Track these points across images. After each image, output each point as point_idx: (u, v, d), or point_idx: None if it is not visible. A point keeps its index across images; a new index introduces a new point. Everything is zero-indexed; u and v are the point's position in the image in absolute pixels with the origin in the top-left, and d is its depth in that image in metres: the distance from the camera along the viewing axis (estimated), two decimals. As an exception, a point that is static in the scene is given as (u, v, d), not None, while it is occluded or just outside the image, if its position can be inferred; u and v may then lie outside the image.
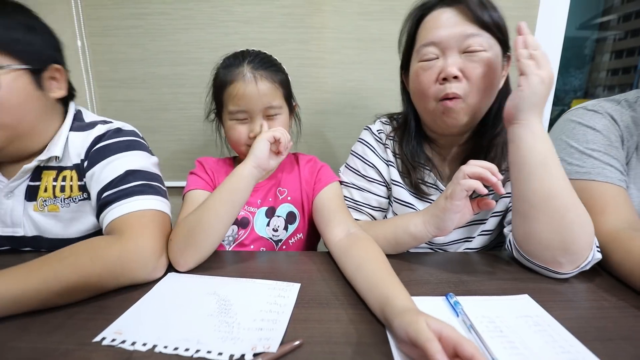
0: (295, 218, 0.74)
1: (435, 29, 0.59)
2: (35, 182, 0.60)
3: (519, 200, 0.54)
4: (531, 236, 0.54)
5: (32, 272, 0.44)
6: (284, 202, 0.74)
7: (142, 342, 0.38)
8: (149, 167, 0.62)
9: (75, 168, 0.61)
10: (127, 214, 0.54)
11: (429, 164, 0.70)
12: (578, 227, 0.51)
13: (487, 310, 0.44)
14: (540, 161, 0.51)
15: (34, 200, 0.60)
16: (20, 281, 0.42)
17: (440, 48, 0.58)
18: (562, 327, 0.41)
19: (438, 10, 0.60)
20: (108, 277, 0.48)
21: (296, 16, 1.09)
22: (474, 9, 0.56)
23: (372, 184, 0.72)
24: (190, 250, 0.55)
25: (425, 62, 0.60)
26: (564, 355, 0.36)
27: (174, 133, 1.17)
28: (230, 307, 0.45)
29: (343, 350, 0.37)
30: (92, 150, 0.60)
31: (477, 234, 0.68)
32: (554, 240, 0.51)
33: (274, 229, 0.73)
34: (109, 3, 1.09)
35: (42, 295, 0.43)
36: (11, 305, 0.42)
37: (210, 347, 0.37)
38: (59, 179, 0.60)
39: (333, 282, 0.53)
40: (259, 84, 0.64)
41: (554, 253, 0.52)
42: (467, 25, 0.57)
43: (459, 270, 0.57)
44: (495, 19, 0.57)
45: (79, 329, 0.41)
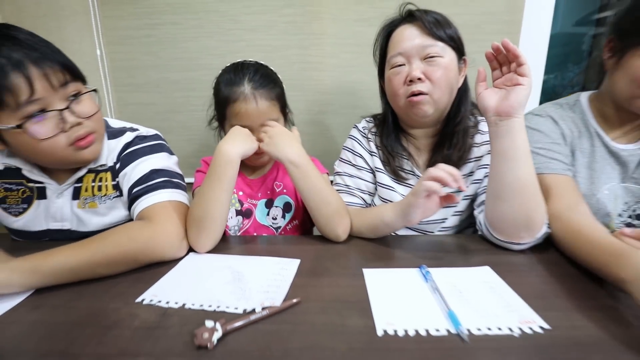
0: (291, 207, 0.84)
1: (401, 42, 0.72)
2: (79, 184, 0.70)
3: (499, 184, 0.63)
4: (503, 216, 0.63)
5: (84, 247, 0.54)
6: (281, 194, 0.84)
7: (174, 301, 0.49)
8: (170, 166, 0.73)
9: (110, 170, 0.71)
10: (154, 205, 0.65)
11: (406, 153, 0.81)
12: (539, 208, 0.62)
13: (452, 278, 0.54)
14: (525, 152, 0.61)
15: (77, 199, 0.70)
16: (75, 254, 0.53)
17: (405, 57, 0.72)
18: (511, 290, 0.51)
19: (402, 27, 0.74)
20: (141, 254, 0.58)
21: (297, 24, 1.18)
22: (429, 26, 0.70)
23: (360, 171, 0.83)
24: (203, 234, 0.64)
25: (395, 69, 0.73)
26: (506, 308, 0.46)
27: (185, 133, 1.27)
28: (243, 277, 0.55)
29: (332, 307, 0.47)
30: (122, 155, 0.71)
31: (451, 215, 0.78)
32: (520, 219, 0.61)
33: (273, 218, 0.83)
34: (125, 15, 1.19)
35: (91, 265, 0.54)
36: (69, 273, 0.52)
37: (228, 304, 0.48)
38: (97, 180, 0.70)
39: (326, 258, 0.63)
40: (258, 103, 0.73)
41: (518, 230, 0.62)
42: (425, 38, 0.70)
43: (433, 249, 0.68)
44: (448, 33, 0.71)
45: (122, 294, 0.51)
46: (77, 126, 0.62)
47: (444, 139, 0.78)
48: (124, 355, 0.38)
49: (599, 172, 0.74)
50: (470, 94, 0.82)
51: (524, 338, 0.41)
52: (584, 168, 0.75)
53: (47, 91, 0.57)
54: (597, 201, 0.73)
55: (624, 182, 0.74)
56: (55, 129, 0.59)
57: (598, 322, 0.44)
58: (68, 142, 0.61)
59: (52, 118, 0.59)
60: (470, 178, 0.78)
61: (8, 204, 0.70)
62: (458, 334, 0.41)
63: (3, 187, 0.69)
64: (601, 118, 0.76)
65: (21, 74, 0.54)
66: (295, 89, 0.85)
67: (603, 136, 0.75)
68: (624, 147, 0.73)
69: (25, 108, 0.56)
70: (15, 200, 0.69)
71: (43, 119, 0.58)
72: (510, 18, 1.21)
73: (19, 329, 0.43)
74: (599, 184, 0.73)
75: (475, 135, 0.79)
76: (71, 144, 0.62)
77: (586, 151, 0.75)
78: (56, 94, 0.58)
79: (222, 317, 0.43)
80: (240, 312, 0.46)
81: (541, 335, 0.41)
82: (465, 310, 0.46)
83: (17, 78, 0.53)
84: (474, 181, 0.77)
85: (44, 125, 0.58)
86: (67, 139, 0.61)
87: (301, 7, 1.16)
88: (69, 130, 0.61)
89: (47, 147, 0.59)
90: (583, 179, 0.75)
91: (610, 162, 0.74)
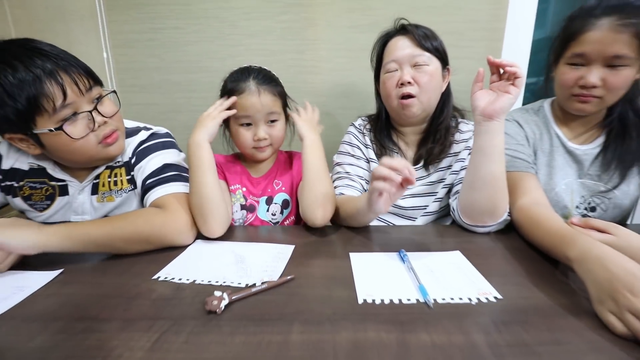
0: (288, 204, 0.91)
1: (394, 51, 0.84)
2: (96, 180, 0.78)
3: (475, 176, 0.72)
4: (474, 203, 0.73)
5: (107, 223, 0.64)
6: (279, 192, 0.91)
7: (185, 278, 0.57)
8: (180, 161, 0.81)
9: (124, 165, 0.79)
10: (166, 195, 0.73)
11: (396, 148, 0.92)
12: (504, 199, 0.72)
13: (426, 260, 0.62)
14: (500, 150, 0.70)
15: (96, 194, 0.78)
16: (99, 227, 0.63)
17: (398, 63, 0.83)
18: (475, 269, 0.59)
19: (396, 38, 0.85)
20: (153, 236, 0.66)
21: (294, 30, 1.25)
22: (418, 39, 0.82)
23: (358, 160, 0.93)
24: (208, 219, 0.71)
25: (389, 74, 0.85)
26: (468, 283, 0.54)
27: (187, 132, 1.29)
28: (244, 259, 0.63)
29: (321, 282, 0.56)
30: (137, 151, 0.79)
31: (432, 202, 0.89)
32: (487, 207, 0.72)
33: (272, 214, 0.91)
34: (130, 19, 1.26)
35: (111, 238, 0.62)
36: (93, 244, 0.61)
37: (232, 280, 0.56)
38: (112, 176, 0.78)
39: (318, 245, 0.71)
40: (262, 95, 0.80)
41: (484, 216, 0.73)
42: (415, 48, 0.82)
43: (413, 237, 0.76)
44: (434, 45, 0.83)
45: (139, 273, 0.59)
46: (104, 125, 0.70)
47: (429, 136, 0.89)
48: (147, 319, 0.46)
49: (557, 169, 0.83)
50: (453, 98, 0.91)
51: (479, 305, 0.49)
52: (544, 166, 0.84)
53: (77, 96, 0.65)
54: (555, 194, 0.83)
55: (581, 178, 0.84)
56: (86, 129, 0.67)
57: (545, 293, 0.52)
58: (97, 140, 0.70)
59: (82, 119, 0.67)
60: (448, 170, 0.88)
61: (33, 201, 0.78)
62: (425, 302, 0.49)
63: (28, 186, 0.77)
64: (559, 121, 0.86)
65: (55, 81, 0.61)
66: (292, 91, 0.92)
67: (562, 137, 0.84)
68: (580, 147, 0.83)
69: (60, 112, 0.63)
70: (40, 198, 0.77)
71: (75, 121, 0.66)
72: (493, 26, 1.29)
73: (55, 300, 0.51)
74: (557, 180, 0.83)
75: (455, 133, 0.89)
76: (100, 142, 0.70)
77: (546, 151, 0.84)
78: (84, 98, 0.66)
79: (228, 289, 0.51)
80: (243, 286, 0.54)
81: (494, 303, 0.50)
82: (433, 284, 0.54)
83: (52, 86, 0.61)
84: (452, 172, 0.87)
85: (77, 126, 0.66)
86: (96, 138, 0.69)
87: (297, 14, 1.24)
88: (97, 129, 0.69)
89: (80, 146, 0.67)
90: (543, 175, 0.84)
91: (568, 161, 0.84)
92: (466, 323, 0.45)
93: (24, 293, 0.53)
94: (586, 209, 0.85)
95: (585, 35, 0.71)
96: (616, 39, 0.68)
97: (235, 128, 0.84)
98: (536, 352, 0.40)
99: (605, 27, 0.69)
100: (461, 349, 0.41)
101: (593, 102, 0.74)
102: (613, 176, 0.81)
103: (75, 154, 0.69)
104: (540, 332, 0.44)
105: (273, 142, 0.85)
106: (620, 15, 0.68)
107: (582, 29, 0.72)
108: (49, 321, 0.46)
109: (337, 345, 0.41)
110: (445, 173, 0.88)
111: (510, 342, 0.42)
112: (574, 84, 0.74)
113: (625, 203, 0.83)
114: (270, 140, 0.84)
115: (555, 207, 0.83)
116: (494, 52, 1.31)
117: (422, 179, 0.90)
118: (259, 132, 0.82)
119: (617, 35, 0.68)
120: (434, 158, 0.88)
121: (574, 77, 0.74)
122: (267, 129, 0.83)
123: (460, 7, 1.27)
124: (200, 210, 0.72)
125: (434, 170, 0.89)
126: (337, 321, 0.46)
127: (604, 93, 0.73)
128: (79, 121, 0.67)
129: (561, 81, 0.77)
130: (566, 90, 0.77)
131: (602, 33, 0.69)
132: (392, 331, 0.43)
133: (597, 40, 0.70)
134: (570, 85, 0.75)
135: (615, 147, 0.80)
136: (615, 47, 0.69)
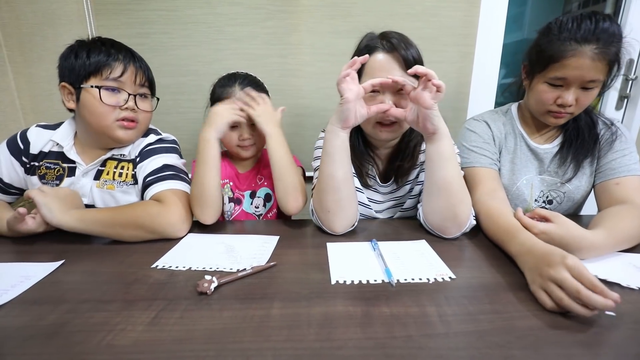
0: (271, 197, 0.99)
1: (379, 70, 0.76)
2: (102, 167, 0.86)
3: (429, 182, 0.76)
4: (433, 209, 0.76)
5: (111, 210, 0.76)
6: (262, 186, 0.99)
7: (181, 266, 0.63)
8: (179, 164, 0.88)
9: (132, 162, 0.87)
10: (163, 191, 0.80)
11: (372, 161, 0.91)
12: (462, 204, 0.73)
13: (395, 248, 0.70)
14: (449, 156, 0.73)
15: (98, 180, 0.86)
16: (104, 213, 0.74)
17: (382, 88, 0.76)
18: (437, 255, 0.67)
19: (382, 54, 0.77)
20: (149, 223, 0.73)
21: (278, 35, 1.32)
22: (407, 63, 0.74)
23: None
24: (205, 208, 0.80)
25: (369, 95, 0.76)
26: (428, 267, 0.63)
27: (175, 133, 1.34)
28: (234, 249, 0.70)
29: (300, 267, 0.63)
30: (143, 151, 0.87)
31: (398, 211, 0.93)
32: (447, 213, 0.73)
33: (256, 207, 0.98)
34: (119, 24, 1.29)
35: (113, 223, 0.72)
36: (98, 225, 0.72)
37: (224, 266, 0.63)
38: (119, 168, 0.87)
39: (299, 237, 0.79)
40: None
41: (445, 222, 0.74)
42: (402, 74, 0.74)
43: (386, 229, 0.84)
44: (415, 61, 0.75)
45: (138, 261, 0.65)
46: (131, 111, 0.82)
47: (399, 152, 0.89)
48: (145, 300, 0.53)
49: (520, 166, 0.93)
50: None
51: (435, 284, 0.57)
52: (508, 162, 0.94)
53: (129, 81, 0.81)
54: (517, 189, 0.92)
55: (541, 174, 0.93)
56: (115, 102, 0.80)
57: (493, 274, 0.61)
58: (116, 117, 0.81)
59: (119, 96, 0.80)
60: (415, 180, 0.91)
61: (47, 180, 0.86)
62: (389, 282, 0.57)
63: (45, 166, 0.86)
64: (524, 123, 0.95)
65: (123, 64, 0.80)
66: (275, 93, 0.99)
67: (525, 137, 0.93)
68: (541, 146, 0.92)
69: (108, 81, 0.79)
70: (52, 177, 0.85)
71: (113, 94, 0.80)
72: (465, 32, 1.38)
73: (60, 287, 0.57)
74: (519, 175, 0.92)
75: (422, 143, 0.88)
76: (117, 120, 0.81)
77: (510, 149, 0.93)
78: (133, 87, 0.82)
79: (217, 274, 0.58)
80: (235, 271, 0.61)
81: (448, 282, 0.58)
82: (398, 268, 0.62)
83: (118, 64, 0.79)
84: (418, 182, 0.90)
85: (111, 97, 0.79)
86: (117, 115, 0.81)
87: (282, 20, 1.30)
88: (123, 109, 0.81)
89: (102, 113, 0.79)
90: (507, 171, 0.94)
91: (530, 158, 0.93)
92: (422, 298, 0.53)
93: (30, 281, 0.58)
94: (544, 202, 0.94)
95: (567, 60, 0.75)
96: (595, 67, 0.74)
97: None
98: (477, 319, 0.48)
99: (587, 55, 0.73)
100: (414, 317, 0.48)
101: (565, 117, 0.84)
102: (568, 170, 0.90)
103: (94, 117, 0.80)
104: (483, 304, 0.52)
105: (257, 142, 0.94)
106: (598, 44, 0.73)
107: (565, 54, 0.75)
108: (57, 303, 0.52)
109: (311, 317, 0.48)
110: (412, 184, 0.91)
111: (456, 312, 0.50)
112: (552, 102, 0.82)
113: (577, 197, 0.93)
114: (254, 140, 0.93)
115: (516, 200, 0.93)
116: (466, 56, 1.41)
117: (393, 193, 0.92)
118: (243, 133, 0.91)
119: (596, 63, 0.74)
120: (403, 174, 0.89)
121: (552, 96, 0.81)
122: (251, 130, 0.91)
123: (435, 14, 1.35)
124: (199, 201, 0.80)
125: (404, 184, 0.91)
126: (312, 299, 0.53)
127: (575, 110, 0.82)
128: (116, 96, 0.80)
129: (540, 98, 0.83)
130: (543, 106, 0.84)
131: (583, 61, 0.74)
132: (358, 305, 0.51)
133: (578, 67, 0.75)
134: (549, 103, 0.82)
135: (571, 145, 0.90)
136: (592, 73, 0.75)
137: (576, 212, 0.99)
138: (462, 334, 0.45)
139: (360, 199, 0.91)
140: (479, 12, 1.37)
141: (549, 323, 0.48)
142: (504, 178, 0.92)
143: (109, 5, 1.28)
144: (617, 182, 0.83)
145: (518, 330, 0.46)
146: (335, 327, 0.46)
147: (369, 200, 0.92)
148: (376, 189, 0.93)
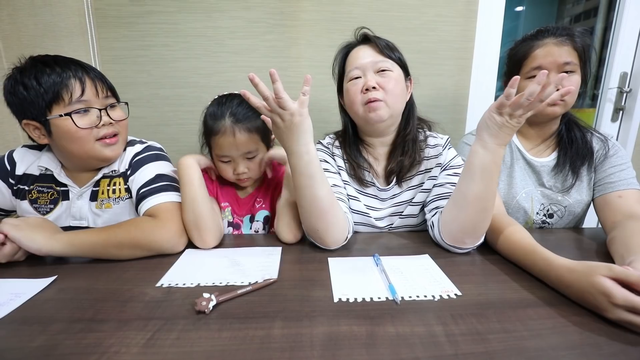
0: (269, 219, 0.96)
1: (357, 59, 0.84)
2: (96, 187, 0.84)
3: (461, 195, 0.70)
4: (456, 222, 0.71)
5: (103, 231, 0.71)
6: (260, 209, 0.95)
7: (189, 282, 0.61)
8: (170, 172, 0.86)
9: (122, 175, 0.85)
10: (158, 204, 0.78)
11: (367, 164, 0.90)
12: (486, 221, 0.71)
13: (397, 263, 0.69)
14: (495, 170, 0.67)
15: (95, 200, 0.83)
16: (96, 235, 0.70)
17: (361, 70, 0.83)
18: (441, 271, 0.66)
19: (357, 47, 0.86)
20: (145, 241, 0.71)
21: (277, 48, 1.33)
22: (381, 47, 0.84)
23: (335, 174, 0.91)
24: (203, 232, 0.77)
25: (353, 81, 0.83)
26: (432, 283, 0.61)
27: (174, 145, 1.37)
28: (239, 262, 0.69)
29: (301, 284, 0.61)
30: (133, 162, 0.84)
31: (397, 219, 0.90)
32: (470, 228, 0.70)
33: (255, 230, 0.95)
34: (120, 37, 1.30)
35: (106, 245, 0.69)
36: (89, 248, 0.68)
37: (233, 281, 0.62)
38: (111, 185, 0.84)
39: (299, 252, 0.77)
40: (237, 135, 0.82)
41: (464, 236, 0.72)
42: (378, 56, 0.83)
43: (388, 244, 0.82)
44: (397, 55, 0.85)
45: (131, 279, 0.63)
46: (108, 125, 0.79)
47: (397, 148, 0.88)
48: (141, 319, 0.50)
49: (517, 179, 0.92)
50: (417, 109, 0.92)
51: (441, 301, 0.55)
52: (505, 177, 0.93)
53: (93, 96, 0.76)
54: (516, 202, 0.91)
55: (539, 188, 0.93)
56: (90, 123, 0.76)
57: (499, 290, 0.59)
58: (96, 136, 0.77)
59: (90, 116, 0.76)
60: (419, 187, 0.88)
61: (39, 204, 0.83)
62: (394, 299, 0.55)
63: (37, 190, 0.83)
64: (521, 136, 0.95)
65: (78, 80, 0.74)
66: (275, 106, 0.98)
67: (522, 150, 0.93)
68: (537, 159, 0.92)
69: (73, 105, 0.74)
70: (45, 201, 0.82)
71: (84, 115, 0.75)
72: (463, 46, 1.40)
73: (51, 305, 0.55)
74: (517, 189, 0.92)
75: (425, 149, 0.89)
76: (98, 139, 0.78)
77: (507, 163, 0.93)
78: (98, 100, 0.77)
79: (215, 291, 0.56)
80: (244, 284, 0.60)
81: (454, 299, 0.56)
82: (402, 284, 0.60)
83: (75, 82, 0.73)
84: (423, 190, 0.88)
85: (83, 119, 0.75)
86: (96, 134, 0.77)
87: (281, 34, 1.32)
88: (100, 127, 0.77)
89: (80, 137, 0.75)
90: (504, 185, 0.93)
91: (527, 171, 0.93)
92: (428, 316, 0.51)
93: (20, 299, 0.56)
94: (545, 216, 0.93)
95: (535, 53, 0.85)
96: (561, 50, 0.82)
97: (217, 162, 0.89)
98: (486, 339, 0.46)
99: (549, 43, 0.83)
100: (421, 337, 0.47)
101: (561, 104, 0.85)
102: (567, 179, 0.90)
103: (75, 144, 0.76)
104: (491, 323, 0.50)
105: (252, 174, 0.89)
106: (556, 35, 0.84)
107: (530, 49, 0.85)
108: (48, 323, 0.49)
109: (314, 337, 0.46)
110: (415, 192, 0.89)
111: (464, 331, 0.48)
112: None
113: (578, 210, 0.92)
114: (249, 173, 0.88)
115: (517, 214, 0.92)
116: (464, 69, 1.42)
117: (394, 198, 0.90)
118: (238, 168, 0.86)
119: (561, 48, 0.82)
120: (405, 172, 0.87)
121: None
122: (246, 162, 0.87)
123: (433, 29, 1.37)
124: (195, 225, 0.77)
125: (407, 188, 0.90)
126: (315, 317, 0.51)
127: (569, 98, 0.84)
128: (88, 116, 0.76)
129: None
130: None
131: (549, 48, 0.83)
132: (363, 324, 0.49)
133: (547, 54, 0.83)
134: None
135: (566, 152, 0.90)
136: (563, 56, 0.82)
137: (577, 225, 0.98)
138: (472, 356, 0.43)
139: (358, 207, 0.89)
140: (475, 26, 1.39)
141: (564, 343, 0.46)
142: (502, 192, 0.92)
143: (110, 18, 1.29)
144: (620, 194, 0.83)
145: (531, 350, 0.44)
146: (339, 349, 0.44)
147: (367, 207, 0.90)
148: (376, 195, 0.91)
